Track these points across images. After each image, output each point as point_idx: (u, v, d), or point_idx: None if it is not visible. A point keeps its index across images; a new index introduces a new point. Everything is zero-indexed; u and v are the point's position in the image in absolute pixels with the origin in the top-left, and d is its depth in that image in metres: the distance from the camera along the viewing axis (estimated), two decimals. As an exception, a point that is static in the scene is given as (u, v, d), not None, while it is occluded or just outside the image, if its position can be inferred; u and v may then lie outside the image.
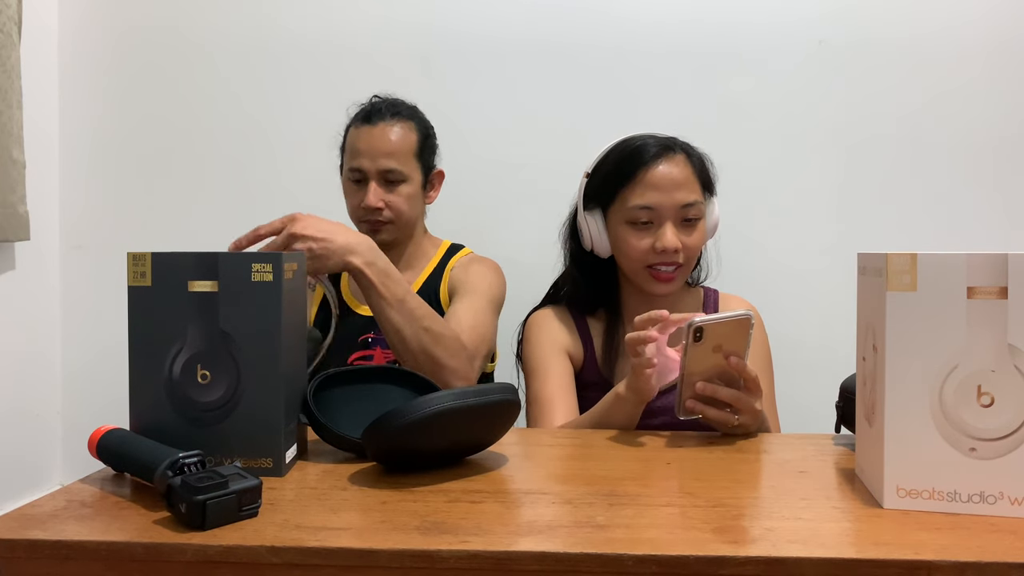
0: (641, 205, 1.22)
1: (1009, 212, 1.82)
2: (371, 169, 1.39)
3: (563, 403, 1.24)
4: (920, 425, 0.74)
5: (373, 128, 1.40)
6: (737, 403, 1.02)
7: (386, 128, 1.40)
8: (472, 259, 1.51)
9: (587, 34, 1.87)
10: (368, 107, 1.44)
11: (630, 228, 1.23)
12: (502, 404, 0.89)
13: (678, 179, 1.22)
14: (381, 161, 1.39)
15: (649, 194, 1.22)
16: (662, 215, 1.22)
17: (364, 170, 1.40)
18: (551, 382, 1.26)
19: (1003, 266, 0.72)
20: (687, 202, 1.22)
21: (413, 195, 1.43)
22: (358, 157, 1.40)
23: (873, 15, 1.83)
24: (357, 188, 1.42)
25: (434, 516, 0.73)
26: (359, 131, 1.41)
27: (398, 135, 1.41)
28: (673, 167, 1.23)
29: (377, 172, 1.40)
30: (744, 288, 1.41)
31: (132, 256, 0.86)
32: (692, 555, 0.64)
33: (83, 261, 1.96)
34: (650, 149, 1.23)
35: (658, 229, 1.22)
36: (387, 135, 1.40)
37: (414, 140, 1.43)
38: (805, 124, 1.85)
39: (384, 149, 1.39)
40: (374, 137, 1.39)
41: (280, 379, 0.85)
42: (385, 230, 1.42)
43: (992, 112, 1.82)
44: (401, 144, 1.41)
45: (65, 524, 0.72)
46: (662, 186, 1.22)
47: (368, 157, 1.39)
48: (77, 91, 1.95)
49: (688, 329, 0.98)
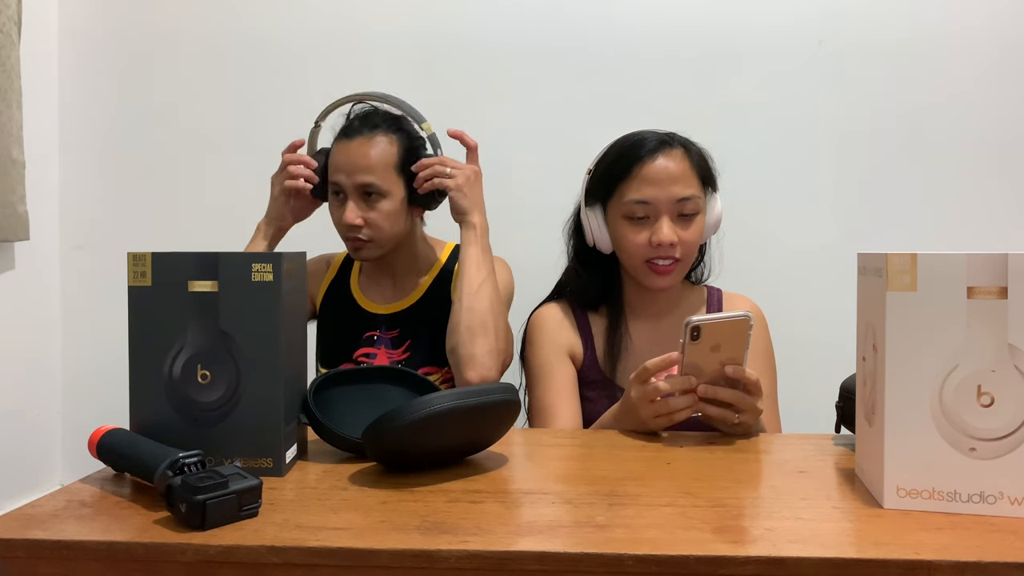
0: (637, 200, 1.22)
1: (1009, 212, 1.82)
2: (348, 184, 1.35)
3: (565, 411, 1.25)
4: (920, 425, 0.74)
5: (350, 143, 1.36)
6: (739, 403, 1.02)
7: (364, 142, 1.35)
8: None
9: (588, 36, 1.87)
10: (345, 122, 1.40)
11: (627, 223, 1.24)
12: (502, 404, 0.89)
13: (674, 173, 1.22)
14: (357, 177, 1.34)
15: (645, 188, 1.22)
16: (658, 209, 1.22)
17: (342, 185, 1.36)
18: (553, 389, 1.26)
19: (1003, 266, 0.72)
20: (683, 196, 1.22)
21: (394, 211, 1.37)
22: (336, 172, 1.36)
23: (873, 15, 1.83)
24: (338, 204, 1.38)
25: (434, 516, 0.73)
26: (338, 146, 1.38)
27: (377, 149, 1.35)
28: (669, 161, 1.23)
29: (354, 187, 1.35)
30: (743, 288, 1.41)
31: (132, 256, 0.86)
32: (692, 555, 0.64)
33: (83, 261, 1.96)
34: (647, 144, 1.24)
35: (654, 223, 1.23)
36: (364, 149, 1.35)
37: (394, 153, 1.37)
38: (805, 124, 1.85)
39: (361, 164, 1.34)
40: (351, 152, 1.35)
41: (280, 379, 0.85)
42: (366, 248, 1.38)
43: (992, 112, 1.82)
44: (380, 158, 1.35)
45: (65, 524, 0.72)
46: (658, 180, 1.22)
47: (345, 172, 1.35)
48: (77, 91, 1.95)
49: (685, 328, 0.98)
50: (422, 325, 1.42)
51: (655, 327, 1.31)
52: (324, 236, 1.45)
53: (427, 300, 1.44)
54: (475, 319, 1.29)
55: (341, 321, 1.45)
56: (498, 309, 1.32)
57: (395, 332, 1.43)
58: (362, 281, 1.49)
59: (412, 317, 1.43)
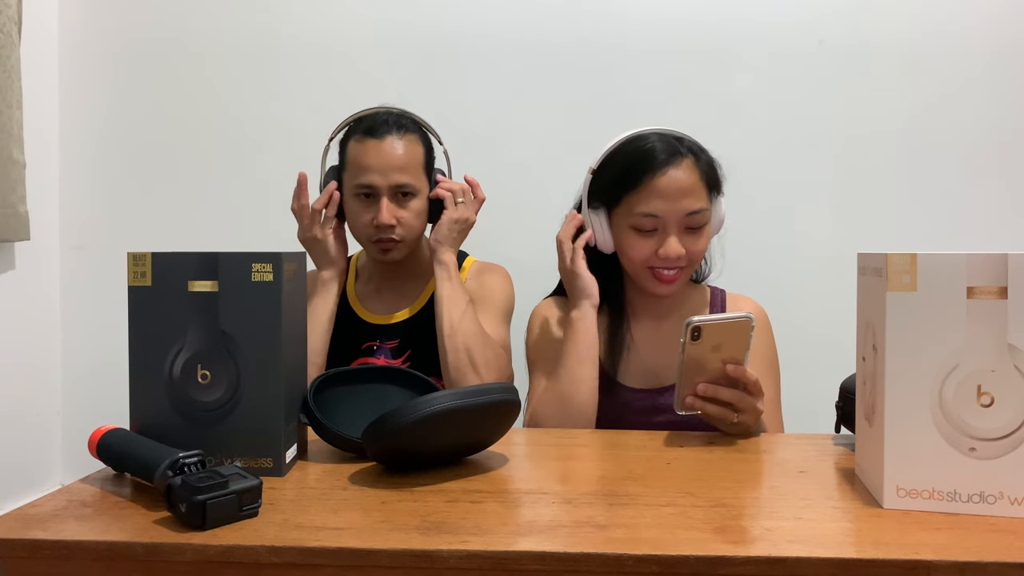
0: (646, 213, 1.20)
1: (1009, 212, 1.82)
2: (383, 185, 1.34)
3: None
4: (920, 425, 0.74)
5: (381, 142, 1.34)
6: (739, 403, 1.02)
7: (395, 142, 1.35)
8: (482, 268, 1.48)
9: (587, 34, 1.87)
10: (370, 120, 1.38)
11: (634, 233, 1.22)
12: (502, 404, 0.89)
13: (685, 187, 1.20)
14: (394, 176, 1.34)
15: (655, 202, 1.20)
16: (667, 223, 1.20)
17: (375, 186, 1.34)
18: (549, 369, 1.26)
19: (1003, 266, 0.72)
20: (693, 210, 1.20)
21: (423, 210, 1.39)
22: (367, 173, 1.34)
23: (873, 15, 1.83)
24: (366, 205, 1.36)
25: (434, 516, 0.73)
26: (365, 145, 1.35)
27: (407, 148, 1.36)
28: (680, 173, 1.20)
29: (389, 188, 1.34)
30: (743, 287, 1.41)
31: (132, 256, 0.86)
32: (692, 555, 0.64)
33: (83, 261, 1.96)
34: (658, 155, 1.21)
35: (662, 235, 1.21)
36: (397, 149, 1.35)
37: (422, 153, 1.39)
38: (805, 124, 1.85)
39: (396, 164, 1.34)
40: (384, 151, 1.34)
41: (280, 379, 0.85)
42: (397, 249, 1.38)
43: (992, 112, 1.82)
44: (412, 157, 1.37)
45: (65, 524, 0.72)
46: (668, 194, 1.19)
47: (379, 172, 1.34)
48: (77, 91, 1.95)
49: (686, 329, 0.98)
50: (423, 335, 1.41)
51: (657, 327, 1.31)
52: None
53: (428, 311, 1.42)
54: (460, 359, 1.31)
55: (339, 332, 1.42)
56: (483, 340, 1.33)
57: (395, 342, 1.42)
58: (359, 290, 1.48)
59: (412, 327, 1.42)
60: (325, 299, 1.39)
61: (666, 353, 1.27)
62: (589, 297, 1.25)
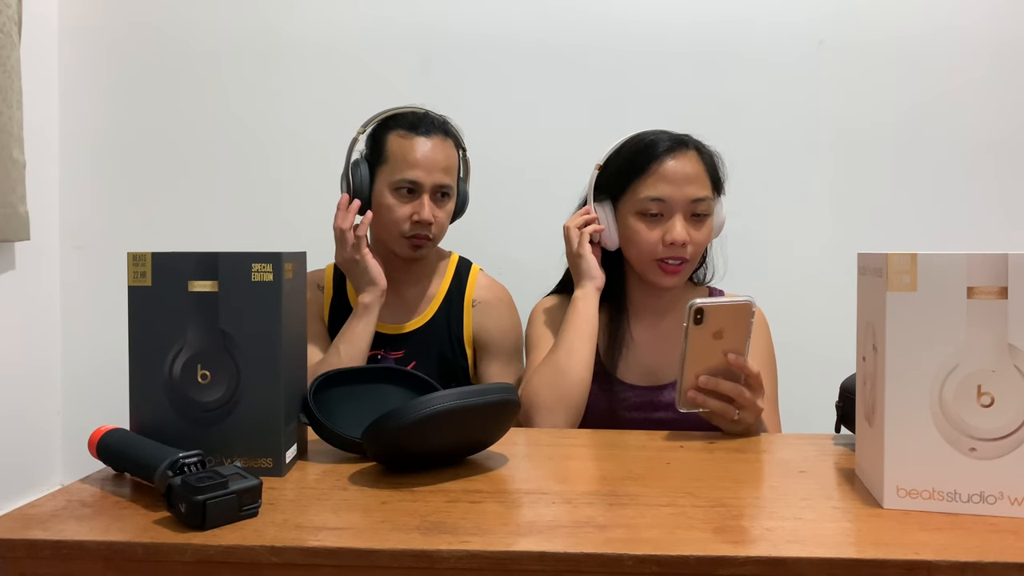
0: (652, 197, 1.23)
1: (1009, 212, 1.82)
2: (427, 183, 1.35)
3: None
4: (920, 425, 0.74)
5: (428, 140, 1.35)
6: (739, 398, 1.02)
7: (440, 143, 1.37)
8: (490, 299, 1.46)
9: (586, 35, 1.86)
10: (413, 117, 1.38)
11: (640, 219, 1.25)
12: (502, 404, 0.89)
13: (690, 174, 1.24)
14: (438, 176, 1.36)
15: (661, 186, 1.23)
16: (672, 208, 1.23)
17: (420, 182, 1.34)
18: (545, 352, 1.27)
19: (1003, 266, 0.72)
20: (697, 197, 1.24)
21: (451, 213, 1.42)
22: (413, 168, 1.34)
23: (873, 15, 1.83)
24: (406, 200, 1.35)
25: (434, 516, 0.73)
26: (411, 141, 1.35)
27: (449, 152, 1.39)
28: (685, 162, 1.24)
29: (432, 186, 1.35)
30: (743, 287, 1.41)
31: (132, 256, 0.86)
32: (692, 555, 0.64)
33: (83, 261, 1.96)
34: (663, 143, 1.25)
35: (668, 221, 1.23)
36: (441, 151, 1.37)
37: (457, 159, 1.42)
38: (805, 124, 1.85)
39: (441, 164, 1.36)
40: (431, 150, 1.35)
41: (280, 379, 0.85)
42: (426, 247, 1.38)
43: (992, 112, 1.82)
44: (452, 161, 1.39)
45: (65, 524, 0.72)
46: (674, 179, 1.23)
47: (425, 170, 1.34)
48: (77, 91, 1.95)
49: (689, 311, 0.99)
50: (429, 347, 1.41)
51: (657, 325, 1.31)
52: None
53: (435, 323, 1.42)
54: None
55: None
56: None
57: (400, 353, 1.41)
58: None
59: (418, 338, 1.42)
60: (368, 324, 1.32)
61: (665, 351, 1.28)
62: (593, 279, 1.28)
